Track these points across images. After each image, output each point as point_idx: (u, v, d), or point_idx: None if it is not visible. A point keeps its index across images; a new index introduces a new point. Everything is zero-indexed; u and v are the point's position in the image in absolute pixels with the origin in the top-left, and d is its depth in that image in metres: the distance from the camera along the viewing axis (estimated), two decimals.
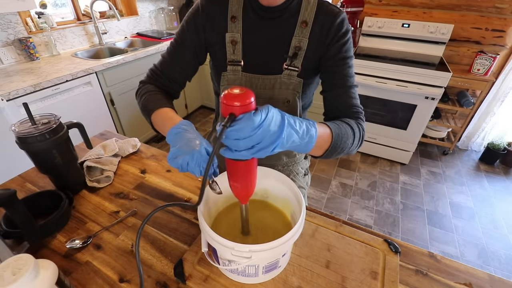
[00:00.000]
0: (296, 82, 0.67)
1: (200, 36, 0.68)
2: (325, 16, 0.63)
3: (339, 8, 0.64)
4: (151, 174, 0.84)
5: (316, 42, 0.64)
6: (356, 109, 0.66)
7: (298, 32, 0.64)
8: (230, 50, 0.67)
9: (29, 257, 0.40)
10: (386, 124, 2.30)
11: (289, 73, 0.66)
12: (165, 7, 2.89)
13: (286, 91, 0.68)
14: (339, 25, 0.64)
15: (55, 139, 0.65)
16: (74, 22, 2.20)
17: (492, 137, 2.44)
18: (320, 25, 0.63)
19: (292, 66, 0.66)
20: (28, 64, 1.82)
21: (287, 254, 0.52)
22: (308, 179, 0.93)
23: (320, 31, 0.64)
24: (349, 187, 2.16)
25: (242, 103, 0.36)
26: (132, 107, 2.17)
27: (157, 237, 0.64)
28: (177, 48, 0.70)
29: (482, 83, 2.09)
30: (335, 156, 0.58)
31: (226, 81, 0.70)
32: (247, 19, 0.65)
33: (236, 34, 0.65)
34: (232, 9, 0.65)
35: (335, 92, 0.67)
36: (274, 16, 0.63)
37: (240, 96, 0.36)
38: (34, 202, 0.67)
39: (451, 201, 2.05)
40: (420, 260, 0.60)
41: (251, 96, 0.36)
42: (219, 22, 0.66)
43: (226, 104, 0.36)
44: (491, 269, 1.58)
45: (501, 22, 2.11)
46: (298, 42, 0.64)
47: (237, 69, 0.68)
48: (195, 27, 0.67)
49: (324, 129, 0.52)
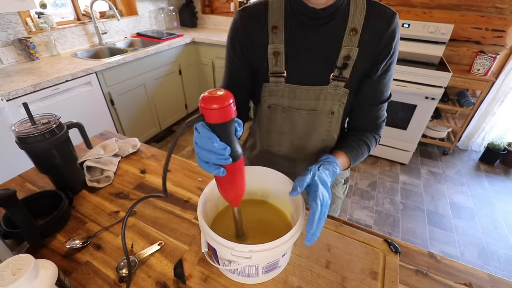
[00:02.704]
0: (342, 93, 0.62)
1: (244, 53, 0.64)
2: (376, 22, 0.57)
3: (391, 9, 0.57)
4: (151, 174, 0.84)
5: (367, 51, 0.58)
6: (381, 121, 0.70)
7: (347, 40, 0.58)
8: (272, 61, 0.62)
9: (29, 257, 0.40)
10: (386, 124, 2.29)
11: (336, 84, 0.61)
12: (165, 7, 2.89)
13: (331, 102, 0.64)
14: (392, 34, 0.57)
15: (55, 139, 0.65)
16: (74, 22, 2.20)
17: (492, 137, 2.44)
18: (371, 32, 0.57)
19: (340, 77, 0.61)
20: (28, 64, 1.82)
21: (287, 254, 0.52)
22: (345, 188, 0.90)
23: (371, 39, 0.57)
24: (349, 187, 2.16)
25: (220, 105, 0.35)
26: (132, 107, 2.17)
27: (157, 237, 0.64)
28: (232, 75, 0.69)
29: (482, 83, 2.09)
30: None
31: (267, 92, 0.66)
32: (291, 27, 0.59)
33: (279, 45, 0.60)
34: (272, 19, 0.59)
35: (369, 108, 0.67)
36: (321, 22, 0.57)
37: (214, 99, 0.35)
38: (34, 202, 0.67)
39: (451, 201, 2.05)
40: (420, 260, 0.60)
41: (227, 100, 0.35)
42: (258, 34, 0.61)
43: (203, 107, 0.35)
44: (491, 269, 1.58)
45: (501, 22, 2.11)
46: (348, 51, 0.58)
47: (279, 81, 0.63)
48: (240, 47, 0.64)
49: (343, 162, 0.62)
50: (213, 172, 0.40)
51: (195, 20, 3.03)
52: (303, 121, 0.68)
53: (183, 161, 0.91)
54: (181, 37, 2.51)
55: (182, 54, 2.51)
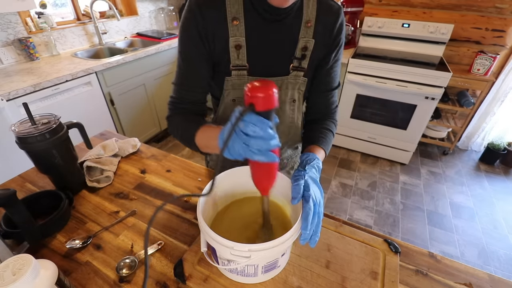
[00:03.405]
0: (302, 81, 0.67)
1: (205, 44, 0.61)
2: (326, 16, 0.62)
3: (337, 3, 0.64)
4: (151, 174, 0.84)
5: (320, 42, 0.64)
6: (335, 107, 0.76)
7: (303, 32, 0.62)
8: (234, 55, 0.61)
9: (29, 257, 0.40)
10: (386, 124, 2.30)
11: (296, 73, 0.66)
12: (165, 7, 2.89)
13: (292, 91, 0.68)
14: (340, 27, 0.64)
15: (55, 139, 0.65)
16: (74, 22, 2.20)
17: (492, 137, 2.44)
18: (323, 25, 0.63)
19: (299, 67, 0.65)
20: (28, 64, 1.82)
21: (286, 254, 0.52)
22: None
23: (323, 31, 0.63)
24: (349, 187, 2.16)
25: (268, 92, 0.37)
26: (132, 107, 2.17)
27: (157, 237, 0.64)
28: (188, 68, 0.64)
29: (482, 83, 2.09)
30: None
31: (230, 86, 0.65)
32: (251, 21, 0.60)
33: (240, 38, 0.60)
34: (231, 10, 0.58)
35: (322, 95, 0.72)
36: (280, 18, 0.60)
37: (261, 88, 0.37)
38: (34, 202, 0.67)
39: (451, 201, 2.05)
40: (420, 260, 0.60)
41: (273, 87, 0.37)
42: (218, 25, 0.59)
43: (252, 96, 0.37)
44: (491, 269, 1.58)
45: (501, 22, 2.11)
46: (305, 42, 0.63)
47: (242, 74, 0.64)
48: (199, 36, 0.59)
49: (320, 155, 0.64)
50: (269, 159, 0.40)
51: None
52: None
53: (183, 161, 0.91)
54: None
55: None
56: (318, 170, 0.57)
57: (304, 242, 0.46)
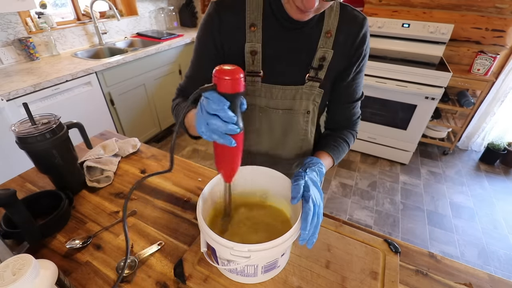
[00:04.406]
0: (317, 92, 0.65)
1: (218, 49, 0.63)
2: (349, 26, 0.60)
3: (362, 14, 0.61)
4: None
5: (341, 53, 0.61)
6: (357, 118, 0.74)
7: (322, 42, 0.60)
8: (249, 60, 0.61)
9: (29, 257, 0.40)
10: (386, 124, 2.30)
11: (311, 84, 0.64)
12: (165, 7, 2.89)
13: (306, 102, 0.66)
14: (363, 37, 0.61)
15: (55, 139, 0.65)
16: (74, 22, 2.20)
17: (492, 137, 2.44)
18: (345, 34, 0.60)
19: (315, 78, 0.63)
20: (28, 64, 1.82)
21: (286, 254, 0.52)
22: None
23: (345, 42, 0.61)
24: (349, 187, 2.16)
25: (233, 76, 0.37)
26: (132, 107, 2.17)
27: (157, 237, 0.64)
28: (197, 67, 0.67)
29: (482, 83, 2.09)
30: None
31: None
32: (269, 28, 0.60)
33: (257, 44, 0.60)
34: (250, 16, 0.59)
35: (343, 107, 0.71)
36: (299, 26, 0.59)
37: (228, 71, 0.38)
38: (34, 202, 0.67)
39: (451, 201, 2.05)
40: (420, 260, 0.60)
41: (240, 73, 0.38)
42: (235, 29, 0.60)
43: (217, 77, 0.38)
44: (491, 269, 1.58)
45: (501, 22, 2.11)
46: (324, 53, 0.61)
47: (256, 80, 0.63)
48: (213, 42, 0.62)
49: (326, 161, 0.64)
50: (226, 142, 0.40)
51: (195, 20, 3.03)
52: (280, 121, 0.69)
53: (183, 161, 0.91)
54: (181, 37, 2.51)
55: (182, 54, 2.51)
56: (319, 174, 0.56)
57: (303, 242, 0.46)
